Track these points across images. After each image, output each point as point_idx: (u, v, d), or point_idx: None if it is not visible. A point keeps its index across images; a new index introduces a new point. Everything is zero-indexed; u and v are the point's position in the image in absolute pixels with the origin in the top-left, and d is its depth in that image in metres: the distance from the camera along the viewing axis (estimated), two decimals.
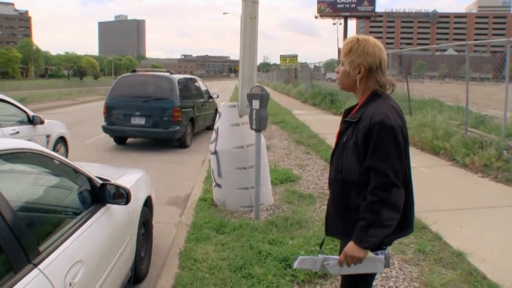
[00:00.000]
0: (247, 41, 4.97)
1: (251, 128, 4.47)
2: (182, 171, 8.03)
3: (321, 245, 2.41)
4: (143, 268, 3.66)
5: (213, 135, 5.29)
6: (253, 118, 4.41)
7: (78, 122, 15.19)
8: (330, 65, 29.77)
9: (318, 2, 57.03)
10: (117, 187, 2.74)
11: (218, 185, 5.26)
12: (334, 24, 60.10)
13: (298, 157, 8.53)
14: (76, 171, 2.66)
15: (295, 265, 2.08)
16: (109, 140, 10.74)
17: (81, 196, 2.66)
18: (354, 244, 1.89)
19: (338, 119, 2.37)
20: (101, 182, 2.78)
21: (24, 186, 2.42)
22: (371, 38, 2.05)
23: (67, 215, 2.49)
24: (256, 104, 4.39)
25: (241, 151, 5.06)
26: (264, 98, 4.39)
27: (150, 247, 3.95)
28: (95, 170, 3.95)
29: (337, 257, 2.00)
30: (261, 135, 4.63)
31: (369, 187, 1.89)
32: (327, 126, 12.67)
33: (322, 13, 58.18)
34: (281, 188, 6.14)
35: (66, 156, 7.96)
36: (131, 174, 3.89)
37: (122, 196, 2.72)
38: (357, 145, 1.93)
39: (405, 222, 2.00)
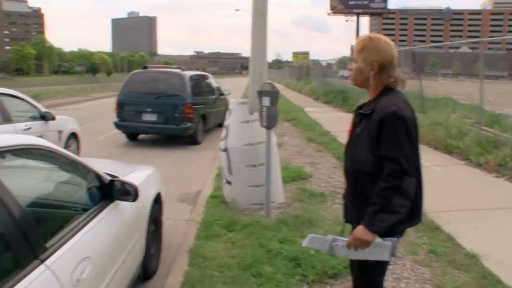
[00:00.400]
0: (257, 38, 4.94)
1: (261, 126, 4.43)
2: (193, 168, 8.03)
3: (342, 231, 2.42)
4: (153, 265, 3.65)
5: (224, 132, 5.27)
6: (263, 115, 4.38)
7: (90, 118, 15.28)
8: (342, 62, 29.57)
9: None
10: (125, 183, 2.72)
11: (229, 182, 5.24)
12: (346, 21, 59.89)
13: (309, 155, 8.47)
14: (84, 168, 2.64)
15: (304, 244, 2.18)
16: (121, 136, 10.78)
17: (90, 193, 2.64)
18: (364, 227, 1.96)
19: (350, 117, 2.38)
20: (109, 178, 2.76)
21: (32, 182, 2.41)
22: (382, 36, 2.16)
23: (75, 211, 2.48)
24: (266, 101, 4.36)
25: (251, 148, 5.03)
26: (274, 95, 4.35)
27: (160, 244, 3.93)
28: (105, 166, 3.95)
29: (346, 239, 2.05)
30: (271, 132, 4.60)
31: (382, 174, 1.95)
32: (339, 123, 12.56)
33: (334, 10, 57.92)
34: (292, 186, 6.09)
35: (78, 152, 8.00)
36: (141, 171, 3.87)
37: (130, 192, 2.70)
38: (370, 136, 2.01)
39: (414, 211, 2.05)
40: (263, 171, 4.80)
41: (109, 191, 2.70)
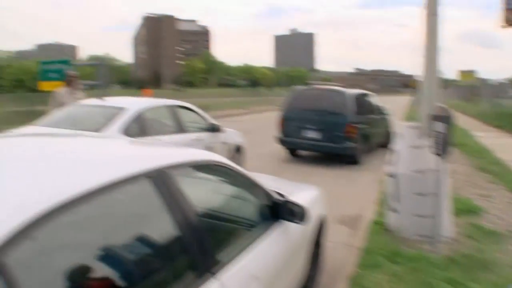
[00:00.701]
0: (428, 57, 4.74)
1: (434, 153, 4.23)
2: (353, 189, 7.98)
3: None
4: None
5: (392, 156, 5.15)
6: (437, 141, 4.17)
7: (249, 131, 16.11)
8: None
9: (506, 10, 51.09)
10: (294, 204, 2.78)
11: (394, 210, 5.09)
12: None
13: (479, 186, 7.73)
14: (255, 185, 2.75)
15: None
16: (281, 151, 11.20)
17: (259, 210, 2.74)
18: None
19: None
20: (278, 198, 2.85)
21: (208, 195, 2.58)
22: None
23: (244, 227, 2.58)
24: (439, 126, 4.14)
25: (421, 175, 4.81)
26: (448, 120, 4.12)
27: (320, 268, 3.96)
28: (269, 182, 4.14)
29: None
30: (444, 160, 4.35)
31: None
32: None
33: (509, 22, 51.88)
34: (461, 219, 5.62)
35: (243, 166, 8.55)
36: (307, 191, 3.99)
37: (298, 214, 2.76)
38: None
39: None
40: (432, 200, 4.55)
41: (278, 210, 2.76)
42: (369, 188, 7.94)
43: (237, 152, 8.35)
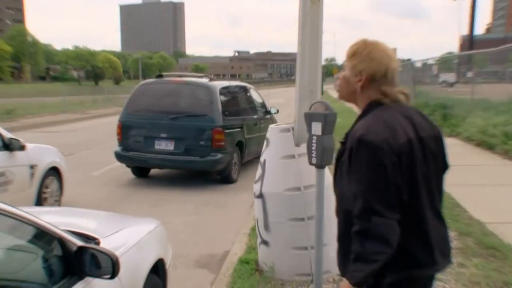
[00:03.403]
0: (307, 36, 4.92)
1: (310, 163, 4.41)
2: (223, 218, 8.12)
3: None
4: None
5: (259, 171, 5.28)
6: (313, 148, 4.36)
7: (86, 145, 15.84)
8: (446, 62, 28.89)
9: None
10: (99, 252, 2.73)
11: (265, 242, 5.22)
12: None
13: None
14: (40, 229, 2.65)
15: None
16: (125, 171, 11.06)
17: (47, 266, 2.66)
18: (346, 280, 2.23)
19: (452, 142, 2.47)
20: (78, 244, 2.79)
21: None
22: (381, 42, 2.41)
23: None
24: (317, 128, 4.32)
25: (297, 194, 4.99)
26: (328, 120, 4.30)
27: None
28: (86, 221, 4.07)
29: None
30: (324, 172, 4.56)
31: None
32: None
33: None
34: None
35: (61, 194, 8.22)
36: (137, 226, 3.95)
37: (105, 266, 2.70)
38: (347, 168, 2.27)
39: (406, 259, 2.25)
40: (314, 227, 4.75)
41: (77, 263, 2.70)
42: (243, 215, 8.15)
43: (52, 176, 8.01)
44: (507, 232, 6.30)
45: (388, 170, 2.14)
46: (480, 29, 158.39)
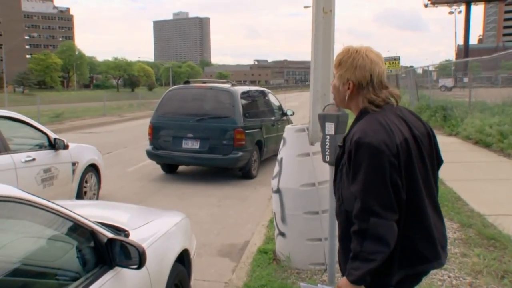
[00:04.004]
0: (320, 44, 4.80)
1: (324, 161, 4.26)
2: (243, 211, 7.97)
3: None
4: None
5: (276, 168, 5.15)
6: (327, 147, 4.20)
7: (122, 144, 15.83)
8: (444, 69, 28.63)
9: None
10: (128, 244, 2.63)
11: (282, 234, 5.08)
12: (451, 13, 58.31)
13: None
14: (74, 222, 2.57)
15: None
16: (156, 168, 11.01)
17: (81, 256, 2.58)
18: (345, 277, 2.11)
19: (452, 141, 2.28)
20: (109, 236, 2.69)
21: None
22: (363, 48, 2.27)
23: (58, 281, 2.42)
24: (330, 128, 4.17)
25: (311, 189, 4.85)
26: (340, 120, 4.16)
27: None
28: (118, 213, 3.96)
29: None
30: None
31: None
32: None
33: (434, 0, 56.69)
34: None
35: (99, 188, 8.21)
36: (164, 219, 3.82)
37: (134, 256, 2.60)
38: (347, 170, 2.17)
39: (412, 255, 2.16)
40: (327, 220, 4.60)
41: (107, 254, 2.62)
42: (262, 208, 8.00)
43: (91, 172, 8.01)
44: (505, 224, 6.12)
45: (386, 171, 2.03)
46: (473, 40, 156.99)
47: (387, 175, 2.03)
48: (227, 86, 10.79)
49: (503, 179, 9.22)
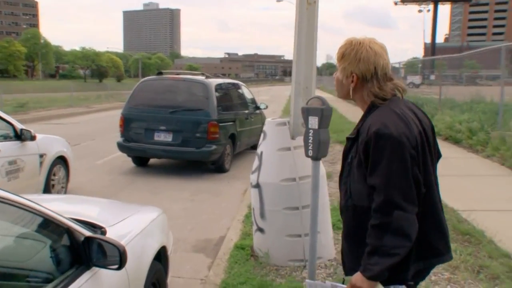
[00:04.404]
0: (303, 36, 4.70)
1: (307, 155, 4.16)
2: (217, 205, 7.86)
3: (343, 279, 2.44)
4: None
5: (256, 162, 5.04)
6: (310, 141, 4.10)
7: (90, 135, 15.52)
8: (412, 66, 28.98)
9: None
10: (107, 243, 2.47)
11: (260, 230, 4.98)
12: (420, 11, 59.22)
13: None
14: (48, 219, 2.40)
15: None
16: (126, 160, 10.79)
17: (55, 256, 2.42)
18: (360, 273, 2.03)
19: None
20: (86, 234, 2.53)
21: None
22: (367, 40, 2.22)
23: (29, 283, 2.29)
24: (313, 122, 4.07)
25: (292, 184, 4.76)
26: (324, 114, 4.06)
27: None
28: (92, 208, 3.79)
29: (345, 286, 2.13)
30: (320, 164, 4.31)
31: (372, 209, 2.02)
32: None
33: None
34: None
35: (67, 181, 7.96)
36: (141, 215, 3.67)
37: (113, 256, 2.44)
38: (361, 163, 2.10)
39: (425, 248, 2.13)
40: (307, 216, 4.51)
41: (84, 254, 2.46)
42: (237, 202, 7.91)
43: (59, 165, 7.75)
44: (479, 219, 6.17)
45: (408, 164, 1.99)
46: (440, 38, 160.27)
47: (409, 167, 1.99)
48: (201, 78, 10.67)
49: (474, 175, 9.34)
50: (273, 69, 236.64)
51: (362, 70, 2.18)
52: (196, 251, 5.78)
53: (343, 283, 2.37)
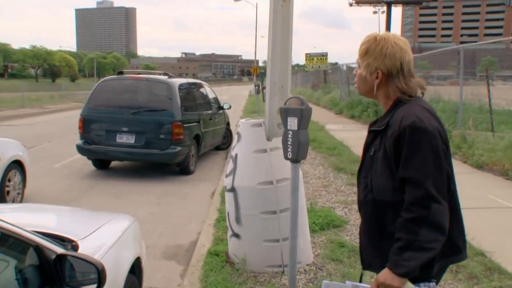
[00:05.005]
0: (277, 34, 4.55)
1: (286, 158, 4.01)
2: (184, 208, 7.64)
3: (360, 280, 2.41)
4: None
5: (230, 165, 4.85)
6: (289, 143, 3.95)
7: (46, 137, 15.01)
8: None
9: None
10: (84, 260, 2.23)
11: (236, 235, 4.79)
12: (375, 12, 60.29)
13: (340, 190, 8.08)
14: (12, 236, 2.15)
15: None
16: (86, 163, 10.41)
17: (21, 277, 2.16)
18: (389, 270, 1.98)
19: None
20: (58, 251, 2.28)
21: None
22: (391, 36, 2.21)
23: None
24: (292, 123, 3.93)
25: (269, 188, 4.59)
26: (304, 115, 3.92)
27: None
28: (57, 218, 3.54)
29: (368, 286, 2.09)
30: (298, 167, 4.18)
31: (405, 202, 1.98)
32: None
33: (359, 0, 58.43)
34: (321, 237, 5.66)
35: (23, 187, 7.57)
36: (112, 224, 3.43)
37: (90, 275, 2.21)
38: (387, 156, 2.07)
39: (448, 245, 2.08)
40: (284, 220, 4.36)
41: (56, 273, 2.21)
42: (205, 205, 7.73)
43: (15, 170, 7.33)
44: None
45: (442, 158, 2.01)
46: None
47: (442, 162, 2.00)
48: (164, 77, 10.42)
49: None
50: (230, 69, 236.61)
51: (388, 66, 2.16)
52: (167, 258, 5.55)
53: (361, 279, 2.40)
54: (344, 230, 5.99)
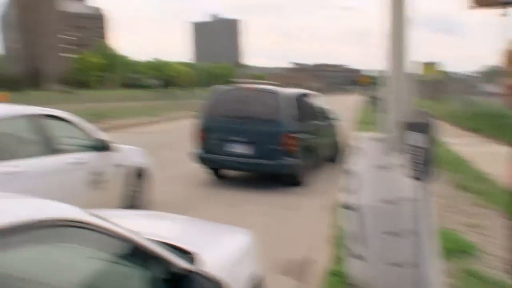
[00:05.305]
0: (398, 43, 4.28)
1: (413, 177, 3.71)
2: (296, 221, 7.46)
3: None
4: None
5: (352, 181, 4.56)
6: (415, 160, 3.65)
7: (167, 146, 15.54)
8: (490, 75, 27.82)
9: None
10: (208, 280, 2.11)
11: (359, 256, 4.51)
12: (503, 15, 57.19)
13: (465, 211, 7.49)
14: (141, 249, 2.07)
15: None
16: (199, 171, 10.58)
17: None
18: None
19: None
20: (184, 265, 2.19)
21: (55, 276, 1.82)
22: None
23: None
24: (417, 139, 3.63)
25: (391, 207, 4.28)
26: (431, 131, 3.62)
27: None
28: (179, 227, 3.50)
29: None
30: (425, 186, 3.85)
31: None
32: (499, 162, 11.38)
33: (480, 2, 55.60)
34: (451, 264, 5.12)
35: (147, 193, 7.76)
36: (230, 238, 3.34)
37: None
38: None
39: None
40: (420, 242, 4.03)
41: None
42: (317, 219, 7.47)
43: (138, 176, 7.55)
44: None
45: None
46: None
47: None
48: (276, 88, 10.36)
49: None
50: (338, 79, 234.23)
51: None
52: (281, 273, 5.35)
53: None
54: (474, 258, 5.45)
